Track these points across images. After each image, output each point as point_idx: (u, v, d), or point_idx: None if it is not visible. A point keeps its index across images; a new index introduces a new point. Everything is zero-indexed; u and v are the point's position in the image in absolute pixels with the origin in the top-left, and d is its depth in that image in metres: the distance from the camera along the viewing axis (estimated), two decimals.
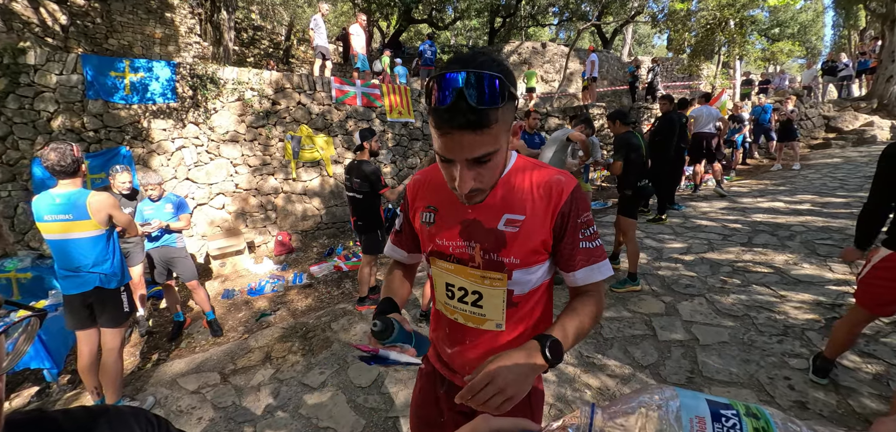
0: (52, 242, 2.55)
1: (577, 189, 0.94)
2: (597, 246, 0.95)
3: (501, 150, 0.83)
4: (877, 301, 2.07)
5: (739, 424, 0.37)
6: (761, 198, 6.69)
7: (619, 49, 22.75)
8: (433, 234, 1.00)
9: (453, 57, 0.77)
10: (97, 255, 2.60)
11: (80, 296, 2.59)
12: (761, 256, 4.30)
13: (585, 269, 0.93)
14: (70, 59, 5.17)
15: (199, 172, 6.03)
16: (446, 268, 1.00)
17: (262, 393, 2.79)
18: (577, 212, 0.93)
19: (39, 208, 2.49)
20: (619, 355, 2.87)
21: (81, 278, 2.57)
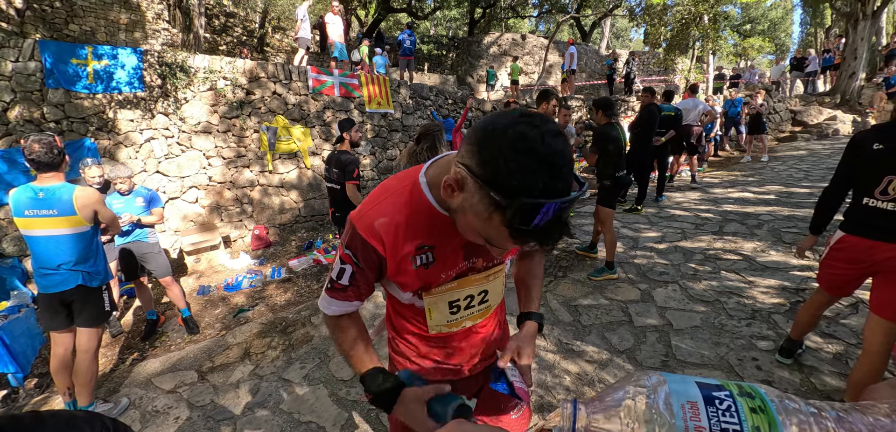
0: (31, 238, 2.44)
1: None
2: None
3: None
4: (834, 282, 2.14)
5: (734, 406, 0.35)
6: (732, 188, 6.96)
7: (597, 42, 23.06)
8: (435, 272, 0.91)
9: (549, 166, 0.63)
10: (80, 252, 2.50)
11: (60, 294, 2.49)
12: (731, 244, 4.48)
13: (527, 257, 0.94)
14: (27, 45, 4.87)
15: (170, 165, 5.82)
16: (449, 288, 0.95)
17: (242, 390, 2.74)
18: None
19: (19, 202, 2.38)
20: (597, 341, 2.95)
21: (62, 276, 2.46)
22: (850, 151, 2.02)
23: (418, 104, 8.90)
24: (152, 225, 3.68)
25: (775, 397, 0.36)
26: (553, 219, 0.62)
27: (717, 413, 0.35)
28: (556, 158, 0.62)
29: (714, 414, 0.35)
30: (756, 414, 0.35)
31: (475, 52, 17.62)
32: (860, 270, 2.00)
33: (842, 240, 2.04)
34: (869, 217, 1.88)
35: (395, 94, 8.43)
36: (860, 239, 1.93)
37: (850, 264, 2.02)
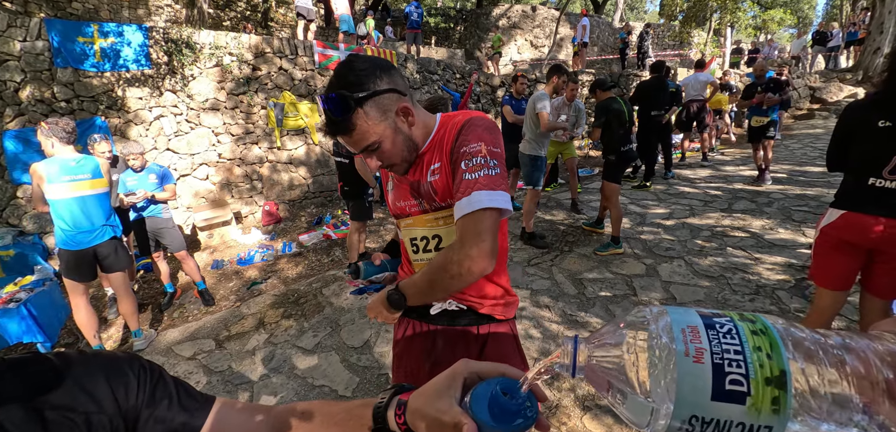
0: (68, 201, 2.78)
1: (469, 121, 0.95)
2: (475, 177, 0.88)
3: (388, 137, 0.93)
4: (830, 274, 1.87)
5: (735, 328, 0.35)
6: (743, 166, 6.86)
7: (610, 14, 22.40)
8: (394, 200, 1.11)
9: (332, 77, 0.92)
10: (108, 209, 3.00)
11: (94, 248, 2.89)
12: (740, 221, 4.46)
13: (458, 203, 0.89)
14: (33, 25, 4.90)
15: (180, 142, 5.89)
16: (407, 224, 1.09)
17: (257, 357, 2.86)
18: (462, 142, 0.93)
19: (52, 171, 2.71)
20: (601, 313, 3.01)
21: (98, 231, 2.90)
22: (848, 128, 1.82)
23: (425, 79, 8.82)
24: (165, 200, 3.76)
25: (780, 324, 0.35)
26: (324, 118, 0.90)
27: (717, 335, 0.34)
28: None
29: (714, 336, 0.34)
30: (758, 335, 0.34)
31: (484, 25, 17.25)
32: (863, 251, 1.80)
33: (843, 218, 1.81)
34: (879, 197, 1.71)
35: (402, 69, 8.35)
36: (865, 216, 1.75)
37: (850, 245, 1.82)
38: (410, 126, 0.98)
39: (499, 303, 1.11)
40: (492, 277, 1.08)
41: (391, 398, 0.55)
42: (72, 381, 0.49)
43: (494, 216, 0.87)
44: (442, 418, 0.47)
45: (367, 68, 0.91)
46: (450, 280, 0.89)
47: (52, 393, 0.47)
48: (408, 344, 1.16)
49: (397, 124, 0.95)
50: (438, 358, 1.10)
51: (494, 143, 0.93)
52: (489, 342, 1.10)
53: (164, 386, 0.56)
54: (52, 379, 0.48)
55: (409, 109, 0.96)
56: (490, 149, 0.92)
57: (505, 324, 1.14)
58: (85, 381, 0.49)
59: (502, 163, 0.93)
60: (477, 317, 1.10)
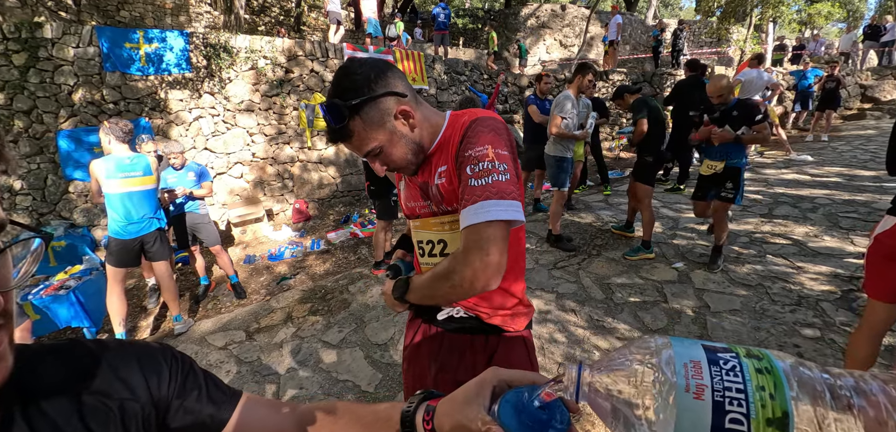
0: (122, 195, 3.05)
1: (475, 122, 0.89)
2: (482, 184, 0.82)
3: (388, 142, 0.92)
4: (885, 285, 1.70)
5: (739, 365, 0.35)
6: (786, 169, 6.49)
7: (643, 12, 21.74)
8: (405, 199, 1.11)
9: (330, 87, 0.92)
10: (156, 203, 3.29)
11: (141, 238, 3.16)
12: (781, 227, 4.23)
13: (464, 211, 0.83)
14: (85, 32, 5.25)
15: (217, 142, 6.16)
16: (415, 225, 1.09)
17: (284, 349, 2.95)
18: (467, 144, 0.87)
19: (109, 168, 2.99)
20: (629, 319, 2.92)
21: (146, 222, 3.17)
22: None
23: (453, 79, 8.84)
24: (203, 197, 3.95)
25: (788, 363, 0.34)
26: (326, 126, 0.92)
27: (720, 372, 0.34)
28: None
29: (717, 373, 0.34)
30: (762, 374, 0.34)
31: (512, 25, 17.13)
32: None
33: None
34: None
35: (430, 70, 8.41)
36: None
37: None
38: (412, 128, 0.94)
39: (509, 313, 1.06)
40: (504, 286, 1.02)
41: (419, 403, 0.55)
42: (108, 368, 0.51)
43: (502, 228, 0.81)
44: (470, 425, 0.46)
45: (362, 73, 0.88)
46: (450, 289, 0.86)
47: (89, 379, 0.49)
48: (416, 349, 1.15)
49: (397, 128, 0.92)
50: (444, 363, 1.08)
51: (502, 145, 0.87)
52: (498, 351, 1.06)
53: (194, 378, 0.58)
54: (91, 365, 0.50)
55: (408, 111, 0.92)
56: (497, 153, 0.85)
57: (518, 338, 1.09)
58: (121, 369, 0.52)
59: (513, 167, 0.87)
60: (485, 326, 1.05)
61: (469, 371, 1.06)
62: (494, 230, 0.80)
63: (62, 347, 0.51)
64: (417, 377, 1.15)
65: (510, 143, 0.90)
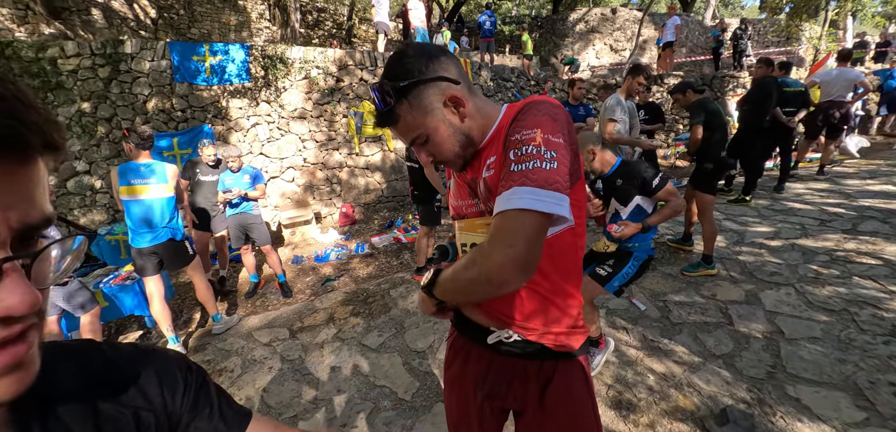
0: (132, 202, 3.03)
1: (529, 104, 0.81)
2: (521, 170, 0.72)
3: (437, 129, 0.85)
4: None
5: None
6: (871, 180, 5.76)
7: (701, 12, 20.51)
8: (452, 198, 1.04)
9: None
10: (170, 213, 3.16)
11: (153, 247, 3.11)
12: (868, 245, 3.73)
13: (498, 197, 0.74)
14: (159, 47, 5.75)
15: (272, 147, 6.48)
16: (461, 227, 1.00)
17: (325, 350, 2.99)
18: (516, 127, 0.78)
19: (124, 175, 3.00)
20: (689, 341, 2.67)
21: (160, 232, 3.10)
22: None
23: (499, 86, 8.77)
24: (256, 199, 4.14)
25: None
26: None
27: None
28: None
29: None
30: None
31: (559, 31, 16.76)
32: None
33: None
34: None
35: (476, 77, 8.39)
36: None
37: None
38: (462, 118, 0.87)
39: (564, 332, 0.94)
40: (560, 299, 0.91)
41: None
42: (124, 374, 0.49)
43: (536, 219, 0.69)
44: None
45: (414, 56, 0.84)
46: (469, 282, 0.77)
47: (105, 386, 0.47)
48: (461, 370, 1.06)
49: (446, 115, 0.85)
50: (492, 390, 0.99)
51: (555, 131, 0.76)
52: (554, 380, 0.94)
53: (206, 394, 0.56)
54: (106, 371, 0.48)
55: (459, 99, 0.85)
56: (546, 138, 0.74)
57: (574, 363, 0.97)
58: (137, 376, 0.50)
59: (566, 156, 0.75)
60: (540, 351, 0.93)
61: (519, 400, 0.96)
62: (526, 220, 0.69)
63: (78, 349, 0.50)
64: (461, 402, 1.06)
65: (568, 131, 0.79)
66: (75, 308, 3.12)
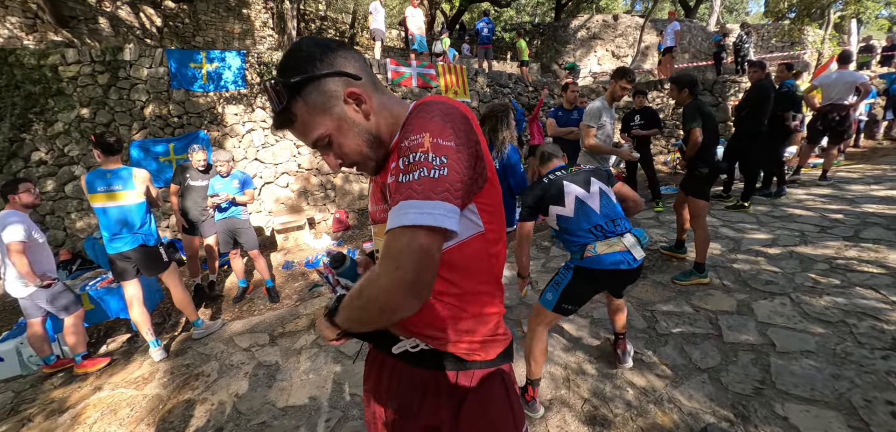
0: (101, 209, 3.00)
1: (419, 106, 0.77)
2: (407, 181, 0.67)
3: (336, 130, 0.79)
4: None
5: None
6: (876, 185, 5.59)
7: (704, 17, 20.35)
8: (369, 203, 0.98)
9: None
10: (141, 219, 3.11)
11: (124, 253, 3.07)
12: (870, 253, 3.59)
13: (390, 210, 0.69)
14: (158, 54, 5.81)
15: (266, 153, 6.50)
16: (375, 232, 0.96)
17: (302, 356, 2.94)
18: (403, 134, 0.74)
19: (91, 181, 2.95)
20: (673, 354, 2.57)
21: (130, 238, 3.06)
22: None
23: (496, 92, 8.74)
24: (245, 204, 4.14)
25: None
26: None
27: None
28: None
29: None
30: None
31: (561, 38, 16.73)
32: None
33: None
34: None
35: (473, 83, 8.37)
36: None
37: None
38: (366, 115, 0.81)
39: (478, 343, 0.86)
40: (475, 308, 0.84)
41: None
42: None
43: (424, 236, 0.64)
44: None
45: (308, 51, 0.78)
46: (360, 310, 0.72)
47: None
48: (376, 384, 0.99)
49: (346, 114, 0.79)
50: (403, 403, 0.91)
51: (447, 134, 0.70)
52: (469, 398, 0.86)
53: None
54: None
55: (359, 95, 0.79)
56: (435, 142, 0.69)
57: (494, 374, 0.89)
58: None
59: (459, 160, 0.70)
60: (451, 358, 0.86)
61: (433, 415, 0.88)
62: (412, 238, 0.64)
63: None
64: (376, 418, 1.00)
65: (463, 132, 0.73)
66: (59, 310, 3.13)
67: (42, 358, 3.24)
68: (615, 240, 1.99)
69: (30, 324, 3.17)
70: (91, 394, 2.89)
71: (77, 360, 3.17)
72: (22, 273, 2.90)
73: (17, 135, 5.24)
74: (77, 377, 3.14)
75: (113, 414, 2.63)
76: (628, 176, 5.84)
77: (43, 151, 5.36)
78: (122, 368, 3.20)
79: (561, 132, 4.64)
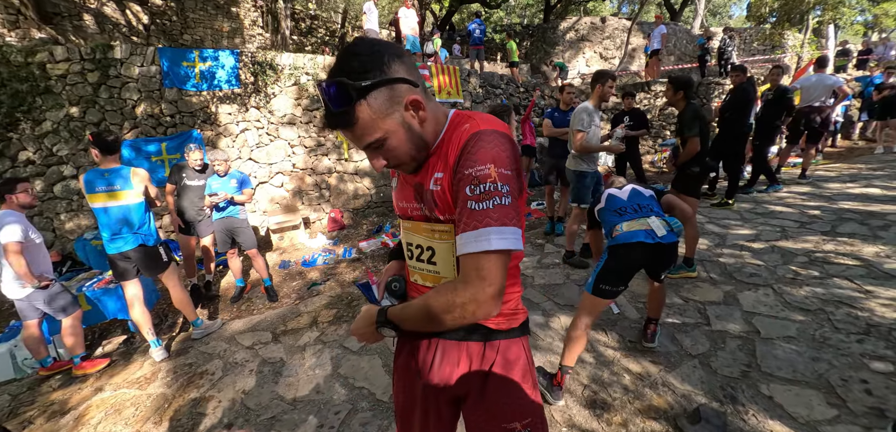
0: (101, 209, 2.99)
1: (477, 136, 0.82)
2: (484, 208, 0.78)
3: (395, 134, 0.84)
4: None
5: None
6: (852, 182, 5.87)
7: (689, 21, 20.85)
8: (397, 198, 1.05)
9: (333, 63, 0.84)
10: (140, 219, 3.10)
11: (123, 253, 3.06)
12: (846, 246, 3.79)
13: (463, 235, 0.80)
14: (149, 52, 5.76)
15: (261, 153, 6.49)
16: (405, 227, 1.03)
17: (307, 352, 2.99)
18: (467, 160, 0.81)
19: (89, 181, 2.94)
20: (666, 342, 2.70)
21: (131, 239, 3.06)
22: None
23: (488, 93, 8.85)
24: (243, 203, 4.15)
25: None
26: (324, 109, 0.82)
27: None
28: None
29: None
30: None
31: (550, 40, 16.97)
32: None
33: None
34: None
35: (465, 84, 8.47)
36: None
37: None
38: (421, 122, 0.87)
39: (502, 317, 0.98)
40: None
41: None
42: None
43: (505, 258, 0.79)
44: None
45: (373, 53, 0.80)
46: (451, 322, 0.82)
47: None
48: (407, 358, 1.08)
49: (406, 119, 0.85)
50: (437, 373, 0.99)
51: (506, 164, 0.81)
52: (495, 365, 0.97)
53: None
54: None
55: (419, 102, 0.85)
56: (501, 173, 0.79)
57: (516, 342, 1.00)
58: None
59: (515, 185, 0.82)
60: (485, 333, 0.97)
61: (463, 385, 0.98)
62: (498, 260, 0.78)
63: None
64: (407, 390, 1.08)
65: (514, 158, 0.84)
66: (56, 311, 3.11)
67: (38, 360, 3.21)
68: (639, 220, 2.23)
69: (26, 326, 3.14)
70: (93, 395, 2.89)
71: (76, 362, 3.16)
72: (19, 273, 2.88)
73: (4, 134, 5.14)
74: (76, 379, 3.13)
75: (117, 414, 2.64)
76: (617, 174, 6.01)
77: (31, 151, 5.26)
78: (122, 369, 3.20)
79: (556, 133, 4.76)
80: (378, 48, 0.82)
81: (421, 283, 1.01)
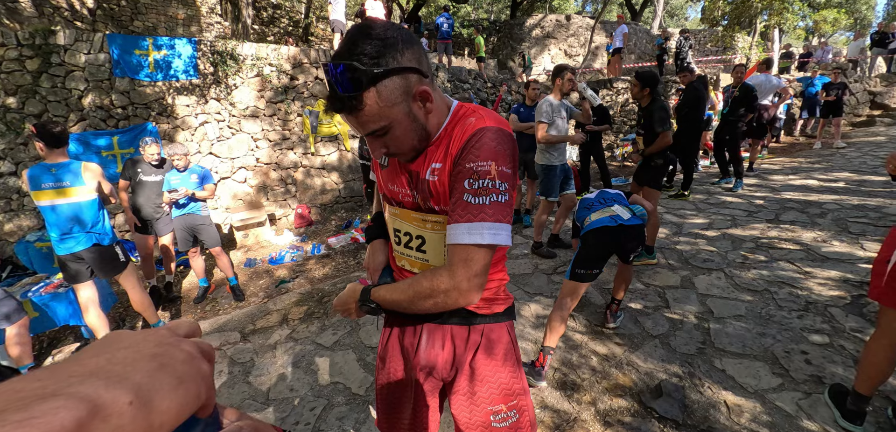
0: (48, 207, 2.77)
1: (482, 132, 0.82)
2: (480, 203, 0.80)
3: (400, 123, 0.82)
4: None
5: None
6: (793, 175, 6.38)
7: (649, 21, 21.75)
8: (386, 180, 1.01)
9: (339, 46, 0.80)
10: (93, 218, 2.90)
11: (76, 254, 2.87)
12: (788, 233, 4.13)
13: (456, 225, 0.81)
14: (97, 39, 5.37)
15: (222, 147, 6.22)
16: (394, 213, 1.01)
17: (278, 351, 2.92)
18: (470, 154, 0.81)
19: (35, 177, 2.72)
20: (629, 324, 2.85)
21: (84, 238, 2.86)
22: None
23: (456, 88, 8.88)
24: (205, 199, 3.97)
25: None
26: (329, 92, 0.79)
27: None
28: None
29: None
30: None
31: (517, 36, 17.23)
32: None
33: None
34: None
35: (433, 78, 8.45)
36: None
37: None
38: (427, 113, 0.86)
39: (484, 300, 1.00)
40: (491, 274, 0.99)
41: None
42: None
43: (492, 250, 0.83)
44: None
45: (387, 38, 0.76)
46: (433, 306, 0.85)
47: None
48: (394, 344, 1.09)
49: (414, 110, 0.83)
50: (425, 357, 1.01)
51: (506, 161, 0.82)
52: (480, 348, 1.00)
53: None
54: None
55: (428, 94, 0.83)
56: (500, 170, 0.81)
57: (500, 326, 1.02)
58: None
59: (512, 183, 0.84)
60: (467, 316, 0.98)
61: (450, 367, 1.00)
62: (486, 253, 0.82)
63: None
64: (392, 373, 1.09)
65: (514, 157, 0.86)
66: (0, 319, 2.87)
67: None
68: (605, 209, 2.47)
69: None
70: None
71: (23, 373, 2.93)
72: None
73: None
74: None
75: None
76: (582, 168, 6.23)
77: None
78: None
79: (522, 127, 4.87)
80: (392, 33, 0.78)
81: (408, 269, 1.02)
